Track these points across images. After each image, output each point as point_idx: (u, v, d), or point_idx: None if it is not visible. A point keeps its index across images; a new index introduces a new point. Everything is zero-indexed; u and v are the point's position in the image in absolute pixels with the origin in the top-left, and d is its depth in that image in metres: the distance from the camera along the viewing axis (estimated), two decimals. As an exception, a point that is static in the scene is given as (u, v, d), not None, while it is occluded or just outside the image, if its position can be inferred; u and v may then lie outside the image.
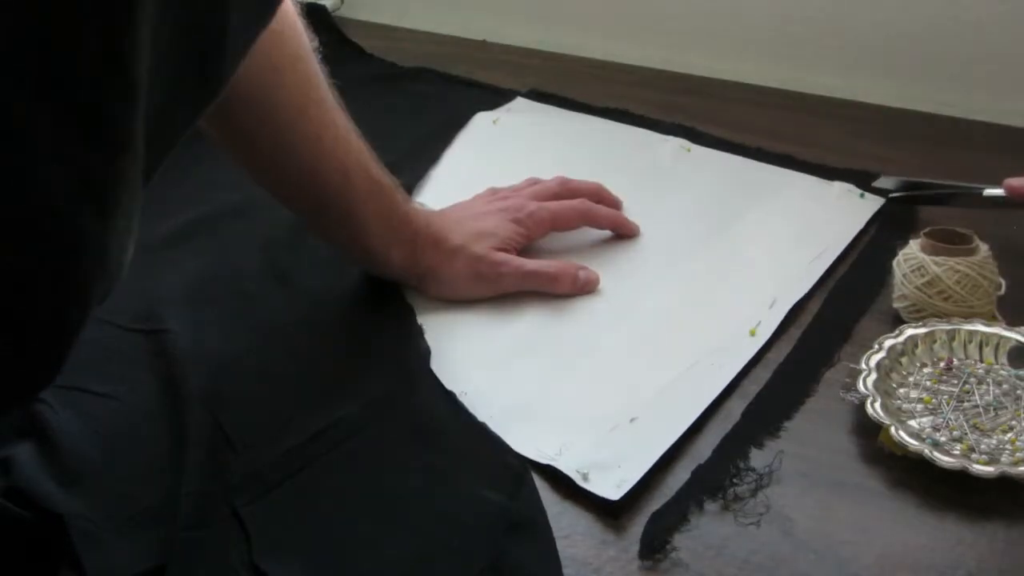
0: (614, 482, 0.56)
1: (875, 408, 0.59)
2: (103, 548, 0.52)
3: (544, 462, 0.59)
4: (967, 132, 0.93)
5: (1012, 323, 0.65)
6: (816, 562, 0.52)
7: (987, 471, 0.54)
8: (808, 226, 0.79)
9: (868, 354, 0.63)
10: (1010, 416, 0.59)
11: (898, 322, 0.67)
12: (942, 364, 0.64)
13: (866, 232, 0.79)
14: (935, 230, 0.68)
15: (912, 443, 0.56)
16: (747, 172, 0.88)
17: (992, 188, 0.75)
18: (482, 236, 0.73)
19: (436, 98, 1.05)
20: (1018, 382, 0.62)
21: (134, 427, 0.61)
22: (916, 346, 0.64)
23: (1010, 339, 0.64)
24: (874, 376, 0.61)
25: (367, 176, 0.70)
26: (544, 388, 0.65)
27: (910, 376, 0.63)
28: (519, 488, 0.56)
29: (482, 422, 0.61)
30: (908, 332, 0.65)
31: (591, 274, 0.74)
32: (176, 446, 0.59)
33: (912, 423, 0.59)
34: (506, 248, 0.73)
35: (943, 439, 0.58)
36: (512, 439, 0.60)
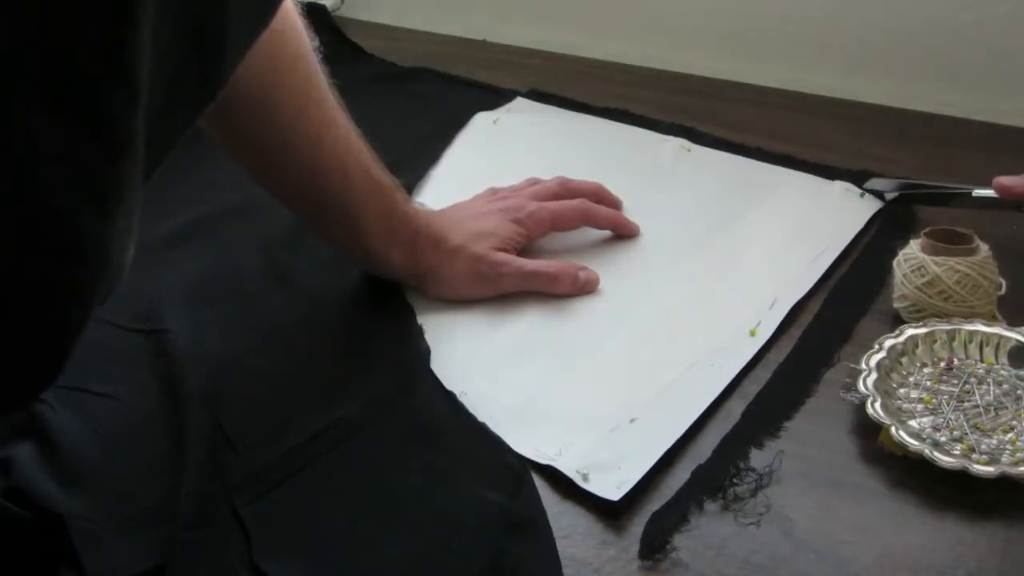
0: (614, 483, 0.56)
1: (875, 408, 0.59)
2: (103, 548, 0.52)
3: (544, 462, 0.59)
4: (967, 132, 0.93)
5: (1012, 323, 0.65)
6: (816, 562, 0.52)
7: (987, 471, 0.54)
8: (808, 226, 0.79)
9: (868, 354, 0.63)
10: (1010, 416, 0.59)
11: (898, 322, 0.67)
12: (942, 364, 0.64)
13: (866, 232, 0.79)
14: (935, 230, 0.68)
15: (912, 443, 0.56)
16: (747, 172, 0.88)
17: (982, 189, 0.75)
18: (482, 236, 0.73)
19: (436, 98, 1.05)
20: (1018, 382, 0.62)
21: (134, 427, 0.61)
22: (916, 346, 0.64)
23: (1010, 339, 0.64)
24: (874, 376, 0.61)
25: (367, 176, 0.70)
26: (544, 388, 0.65)
27: (910, 376, 0.63)
28: (519, 488, 0.56)
29: (482, 422, 0.61)
30: (908, 332, 0.65)
31: (591, 274, 0.74)
32: (176, 446, 0.59)
33: (912, 423, 0.59)
34: (506, 248, 0.73)
35: (943, 439, 0.57)
36: (512, 439, 0.60)
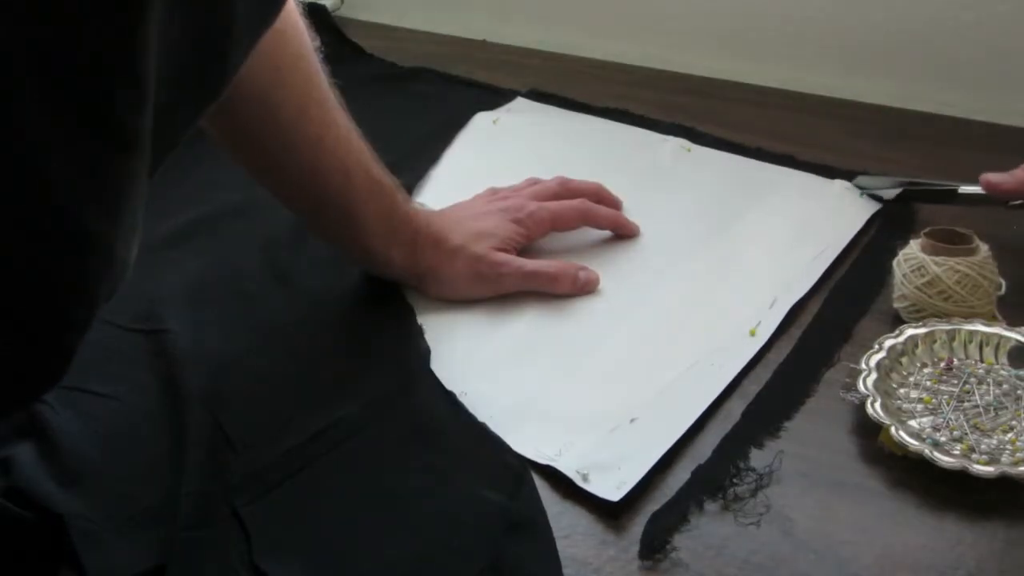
0: (614, 483, 0.56)
1: (875, 408, 0.59)
2: (103, 548, 0.52)
3: (544, 462, 0.59)
4: (967, 132, 0.93)
5: (1012, 323, 0.65)
6: (816, 562, 0.52)
7: (987, 471, 0.54)
8: (808, 225, 0.79)
9: (868, 354, 0.63)
10: (1010, 416, 0.59)
11: (898, 322, 0.67)
12: (942, 364, 0.64)
13: (866, 232, 0.79)
14: (935, 230, 0.68)
15: (912, 443, 0.56)
16: (747, 172, 0.88)
17: (968, 185, 0.75)
18: (482, 236, 0.73)
19: (436, 98, 1.05)
20: (1018, 382, 0.62)
21: (134, 427, 0.61)
22: (916, 346, 0.64)
23: (1010, 339, 0.64)
24: (874, 376, 0.61)
25: (368, 176, 0.70)
26: (544, 388, 0.65)
27: (910, 376, 0.63)
28: (519, 488, 0.56)
29: (482, 422, 0.61)
30: (908, 332, 0.65)
31: (591, 274, 0.74)
32: (176, 446, 0.59)
33: (912, 423, 0.59)
34: (506, 248, 0.73)
35: (943, 439, 0.58)
36: (512, 439, 0.60)
